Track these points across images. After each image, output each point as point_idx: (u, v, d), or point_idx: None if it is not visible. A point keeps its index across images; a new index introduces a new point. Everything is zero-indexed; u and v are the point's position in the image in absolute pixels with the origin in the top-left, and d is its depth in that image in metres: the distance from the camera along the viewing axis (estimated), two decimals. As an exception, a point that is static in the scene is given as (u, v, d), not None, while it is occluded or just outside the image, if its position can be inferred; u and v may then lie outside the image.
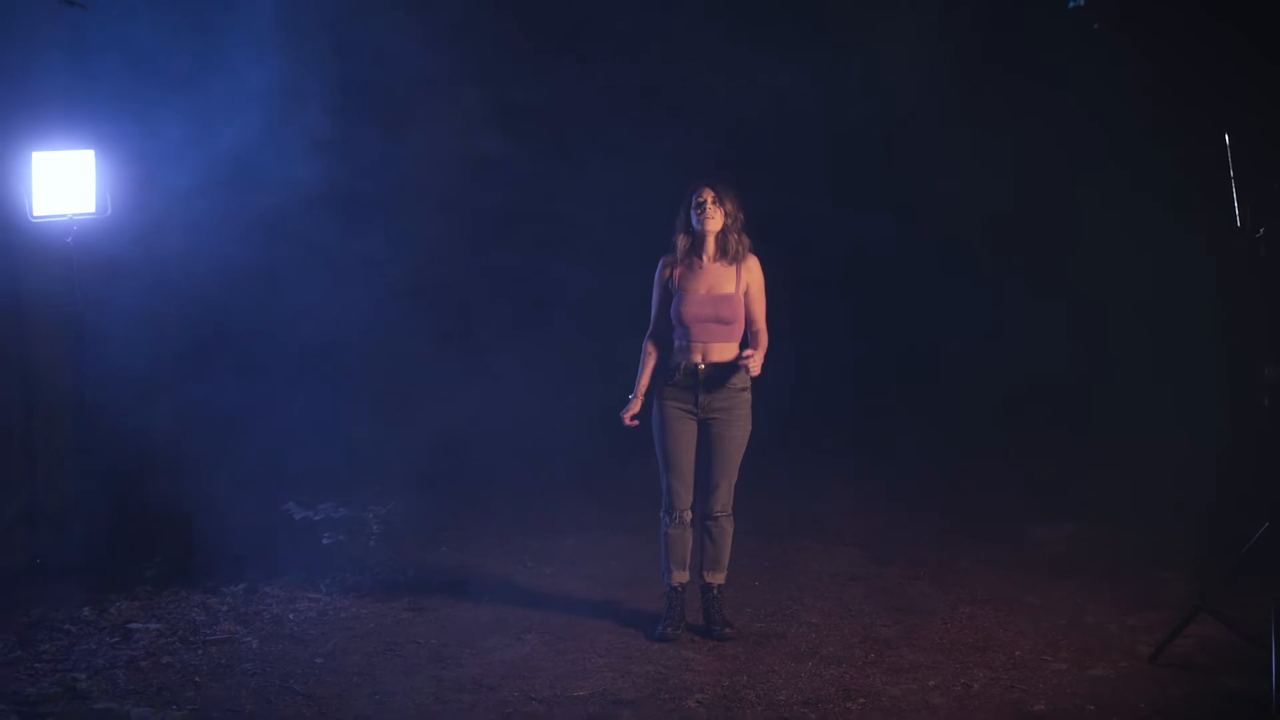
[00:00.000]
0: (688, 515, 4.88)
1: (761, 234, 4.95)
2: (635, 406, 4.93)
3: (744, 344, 4.81)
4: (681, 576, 4.90)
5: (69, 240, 5.77)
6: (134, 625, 4.94)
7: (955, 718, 3.93)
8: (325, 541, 5.63)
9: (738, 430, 4.80)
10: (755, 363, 4.63)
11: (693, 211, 4.81)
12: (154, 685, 4.31)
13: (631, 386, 4.94)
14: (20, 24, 5.85)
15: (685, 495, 4.87)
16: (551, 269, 7.96)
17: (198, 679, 4.41)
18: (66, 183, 5.73)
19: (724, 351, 4.78)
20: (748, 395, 4.82)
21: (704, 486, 4.86)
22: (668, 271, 4.89)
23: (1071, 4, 10.49)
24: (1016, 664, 4.43)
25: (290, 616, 5.15)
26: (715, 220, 4.78)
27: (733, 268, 4.82)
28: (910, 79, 8.21)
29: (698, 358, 4.78)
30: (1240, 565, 4.19)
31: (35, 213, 5.68)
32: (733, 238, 4.82)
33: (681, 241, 4.87)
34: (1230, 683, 4.15)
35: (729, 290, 4.79)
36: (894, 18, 8.24)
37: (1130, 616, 4.89)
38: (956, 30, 8.41)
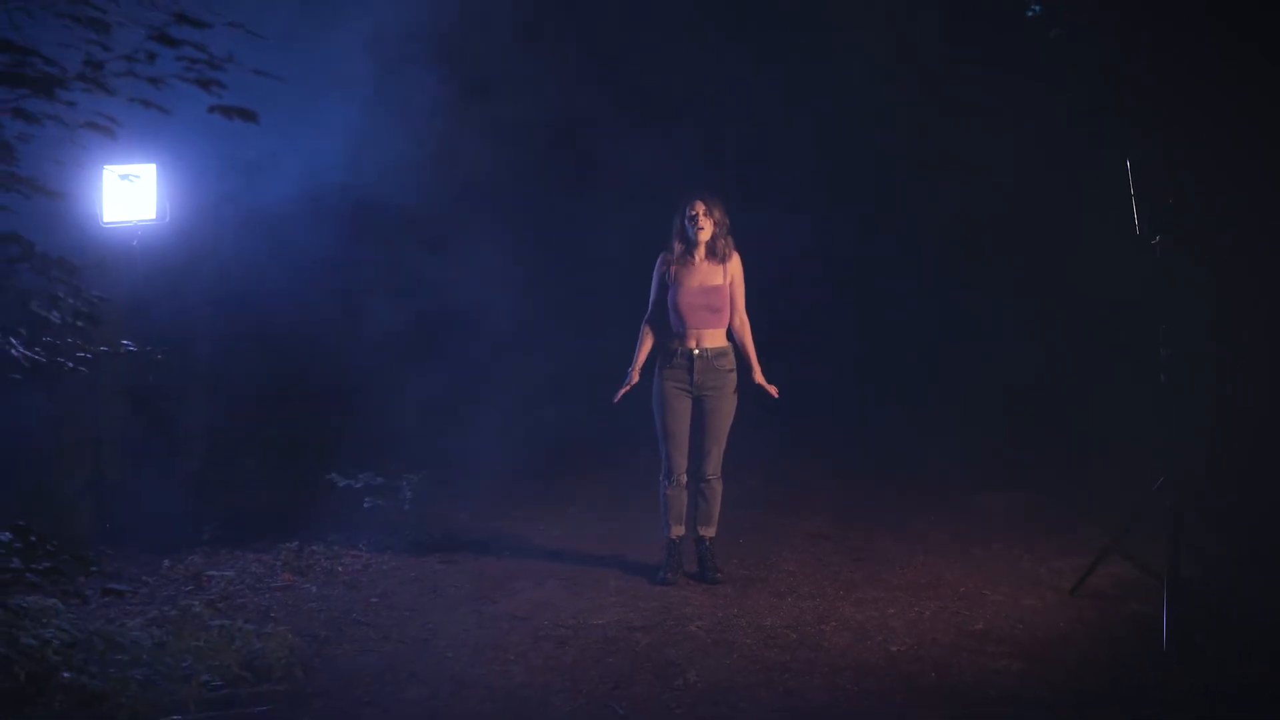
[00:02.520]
0: (684, 478, 5.72)
1: (753, 236, 5.82)
2: (633, 381, 5.74)
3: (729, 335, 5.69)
4: (679, 530, 5.75)
5: (134, 243, 6.53)
6: (210, 573, 5.72)
7: (909, 634, 4.80)
8: (366, 505, 6.46)
9: (727, 404, 5.65)
10: (770, 388, 5.65)
11: (687, 222, 5.66)
12: (236, 620, 5.08)
13: (629, 363, 5.78)
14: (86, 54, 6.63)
15: (681, 461, 5.71)
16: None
17: (273, 614, 5.20)
18: (132, 193, 6.50)
19: (715, 337, 5.64)
20: (734, 375, 5.67)
21: (698, 453, 5.70)
22: (664, 267, 5.74)
23: (1029, 13, 11.31)
24: (961, 597, 5.31)
25: (339, 568, 5.95)
26: (706, 230, 5.64)
27: (720, 265, 5.68)
28: (894, 84, 9.07)
29: (692, 343, 5.63)
30: (1142, 513, 5.07)
31: (105, 219, 6.44)
32: (720, 241, 5.68)
33: (677, 245, 5.71)
34: (1135, 608, 5.05)
35: (717, 283, 5.65)
36: (881, 24, 9.09)
37: (1058, 562, 5.78)
38: (945, 36, 9.23)
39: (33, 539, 2.76)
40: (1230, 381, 7.17)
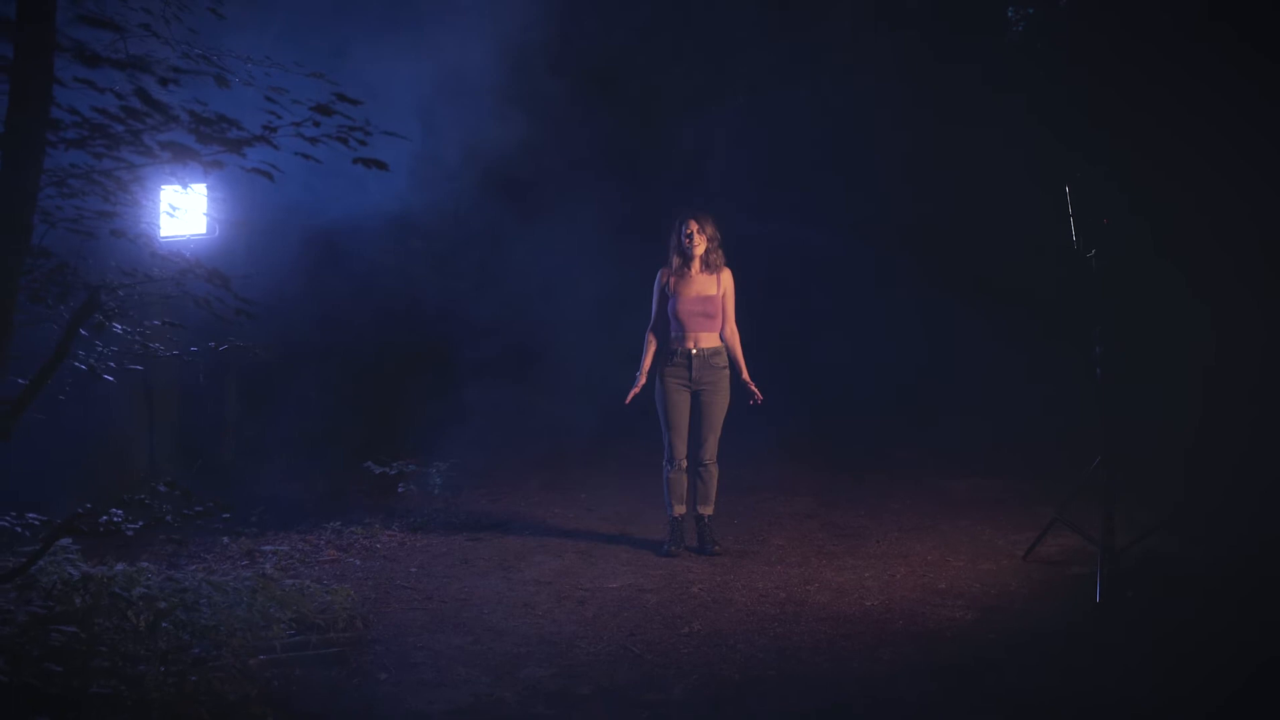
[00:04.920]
0: (684, 463, 6.48)
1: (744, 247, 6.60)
2: (640, 383, 6.50)
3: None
4: (680, 509, 6.50)
5: (188, 254, 7.26)
6: (264, 548, 6.44)
7: (882, 592, 5.57)
8: (400, 490, 7.20)
9: (721, 397, 6.41)
10: (755, 390, 6.38)
11: (682, 239, 6.42)
12: (304, 580, 5.80)
13: (637, 367, 6.52)
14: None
15: (682, 448, 6.46)
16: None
17: (324, 582, 5.92)
18: (185, 210, 7.23)
19: (709, 339, 6.40)
20: (727, 372, 6.43)
21: (696, 440, 6.45)
22: (664, 279, 6.50)
23: (1015, 28, 11.97)
24: (928, 563, 6.08)
25: (378, 546, 6.69)
26: (700, 245, 6.41)
27: (714, 276, 6.44)
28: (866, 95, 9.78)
29: (690, 344, 6.39)
30: (1083, 488, 5.85)
31: (161, 234, 7.18)
32: (713, 255, 6.45)
33: (675, 259, 6.48)
34: (1077, 570, 5.83)
35: (711, 293, 6.41)
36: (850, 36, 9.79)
37: (1013, 534, 6.56)
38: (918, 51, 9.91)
39: (181, 491, 3.50)
40: (1219, 382, 7.89)
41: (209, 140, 2.91)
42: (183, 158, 2.91)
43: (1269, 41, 8.21)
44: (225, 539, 6.62)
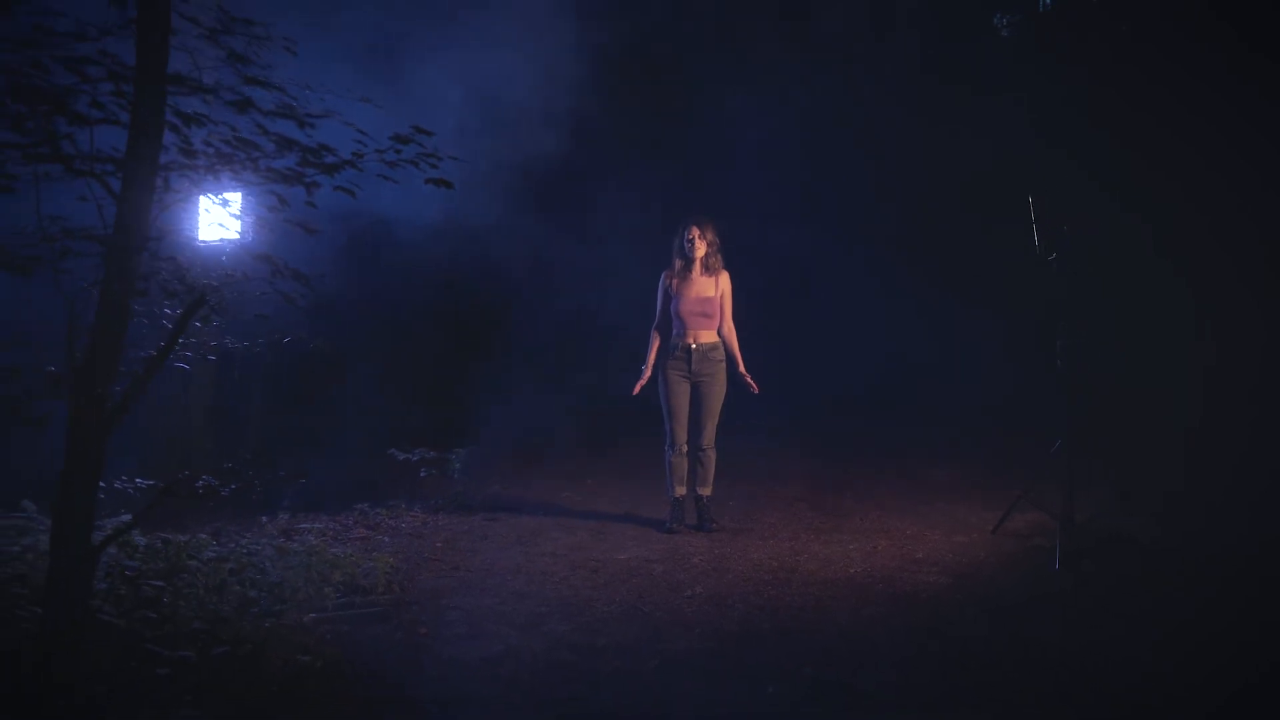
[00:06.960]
0: (684, 448, 7.08)
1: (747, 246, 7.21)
2: (646, 376, 7.10)
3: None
4: (680, 490, 7.10)
5: (223, 258, 7.84)
6: (301, 526, 7.02)
7: (865, 561, 6.19)
8: (422, 474, 7.80)
9: (718, 388, 7.01)
10: (751, 382, 6.95)
11: (684, 243, 7.02)
12: (347, 549, 6.38)
13: (643, 362, 7.13)
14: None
15: (682, 434, 7.07)
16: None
17: (356, 556, 6.53)
18: (221, 216, 7.81)
19: (708, 335, 7.00)
20: (724, 364, 7.04)
21: (696, 427, 7.05)
22: (668, 281, 7.10)
23: (1001, 33, 12.50)
24: (907, 537, 6.71)
25: (403, 525, 7.27)
26: (700, 249, 7.01)
27: (713, 278, 7.04)
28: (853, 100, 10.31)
29: (690, 340, 6.99)
30: (1046, 470, 6.48)
31: (200, 238, 7.76)
32: (713, 259, 7.06)
33: (677, 262, 7.08)
34: (1040, 542, 6.46)
35: (710, 294, 7.02)
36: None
37: (986, 513, 7.18)
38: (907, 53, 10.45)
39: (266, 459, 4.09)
40: (1219, 382, 8.38)
41: (309, 165, 3.51)
42: (290, 181, 3.51)
43: (1269, 41, 8.49)
44: (264, 518, 7.21)
